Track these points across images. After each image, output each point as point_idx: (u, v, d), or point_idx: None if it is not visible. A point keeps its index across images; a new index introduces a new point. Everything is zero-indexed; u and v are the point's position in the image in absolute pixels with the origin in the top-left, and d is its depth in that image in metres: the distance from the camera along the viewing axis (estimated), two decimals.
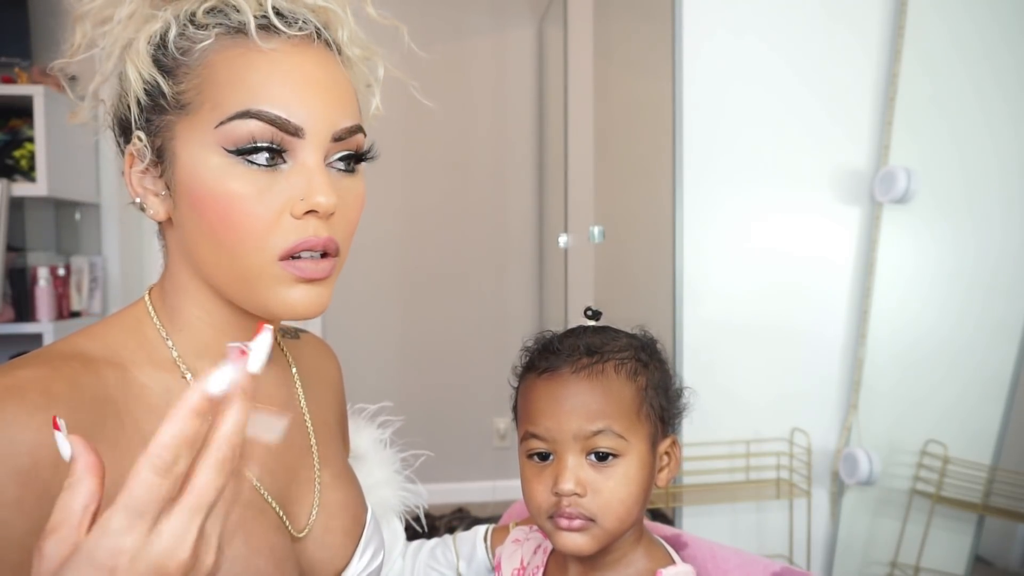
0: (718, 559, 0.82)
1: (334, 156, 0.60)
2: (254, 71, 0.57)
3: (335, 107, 0.59)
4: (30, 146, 2.08)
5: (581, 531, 0.66)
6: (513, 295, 3.22)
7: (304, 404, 0.74)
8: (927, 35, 1.72)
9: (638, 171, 2.23)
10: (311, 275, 0.58)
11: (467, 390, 3.18)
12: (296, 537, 0.67)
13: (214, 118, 0.56)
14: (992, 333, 1.71)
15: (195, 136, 0.57)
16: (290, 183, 0.57)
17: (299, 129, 0.57)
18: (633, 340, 0.73)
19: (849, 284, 1.81)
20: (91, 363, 0.58)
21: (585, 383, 0.67)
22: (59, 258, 2.28)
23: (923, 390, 1.76)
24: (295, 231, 0.57)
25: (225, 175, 0.56)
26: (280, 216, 0.57)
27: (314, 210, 0.57)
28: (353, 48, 0.64)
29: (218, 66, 0.57)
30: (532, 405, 0.70)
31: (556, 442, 0.67)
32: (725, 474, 1.76)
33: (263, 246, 0.57)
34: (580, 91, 2.61)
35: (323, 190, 0.57)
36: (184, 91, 0.57)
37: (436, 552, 0.89)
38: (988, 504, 1.64)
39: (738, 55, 1.75)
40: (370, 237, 3.09)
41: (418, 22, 3.05)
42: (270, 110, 0.56)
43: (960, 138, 1.74)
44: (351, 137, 0.61)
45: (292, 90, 0.57)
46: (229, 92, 0.56)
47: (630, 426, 0.67)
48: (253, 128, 0.56)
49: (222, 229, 0.57)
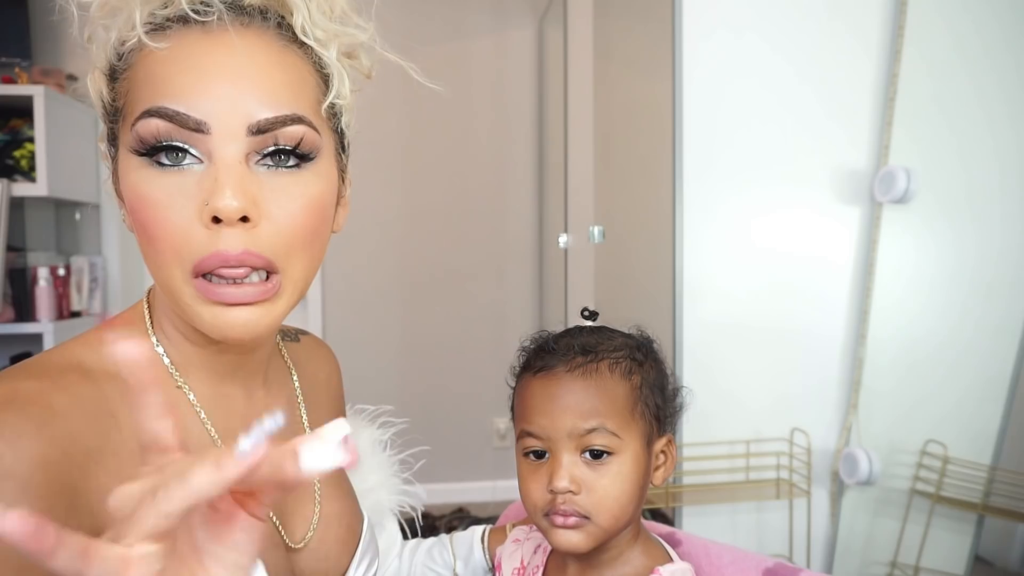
0: (712, 556, 0.82)
1: (263, 151, 0.54)
2: (161, 66, 0.53)
3: (250, 96, 0.52)
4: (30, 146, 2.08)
5: (576, 528, 0.67)
6: (513, 295, 3.22)
7: (304, 413, 0.73)
8: (927, 35, 1.72)
9: (638, 171, 2.23)
10: (229, 300, 0.52)
11: (467, 390, 3.18)
12: (293, 548, 0.66)
13: (130, 121, 0.53)
14: (992, 333, 1.71)
15: (125, 142, 0.54)
16: (201, 186, 0.52)
17: (201, 123, 0.51)
18: (629, 339, 0.74)
19: (849, 284, 1.81)
20: (89, 374, 0.57)
21: (579, 382, 0.68)
22: (59, 258, 2.29)
23: (923, 390, 1.76)
24: (205, 243, 0.51)
25: (140, 180, 0.53)
26: (192, 224, 0.52)
27: (218, 217, 0.51)
28: (314, 32, 0.57)
29: (139, 66, 0.54)
30: (527, 404, 0.70)
31: (551, 440, 0.68)
32: (725, 474, 1.76)
33: (176, 259, 0.52)
34: (580, 91, 2.61)
35: (225, 191, 0.50)
36: (117, 97, 0.55)
37: (433, 552, 0.89)
38: (988, 504, 1.64)
39: (738, 55, 1.75)
40: (370, 237, 3.09)
41: (418, 22, 3.05)
42: (169, 105, 0.51)
43: (960, 138, 1.74)
44: (279, 129, 0.53)
45: (193, 82, 0.52)
46: (141, 92, 0.53)
47: (624, 424, 0.68)
48: (156, 127, 0.51)
49: (142, 237, 0.53)
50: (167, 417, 0.42)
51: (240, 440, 0.36)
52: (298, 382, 0.74)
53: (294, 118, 0.54)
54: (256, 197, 0.53)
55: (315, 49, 0.58)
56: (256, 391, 0.67)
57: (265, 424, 0.37)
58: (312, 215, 0.56)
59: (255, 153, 0.53)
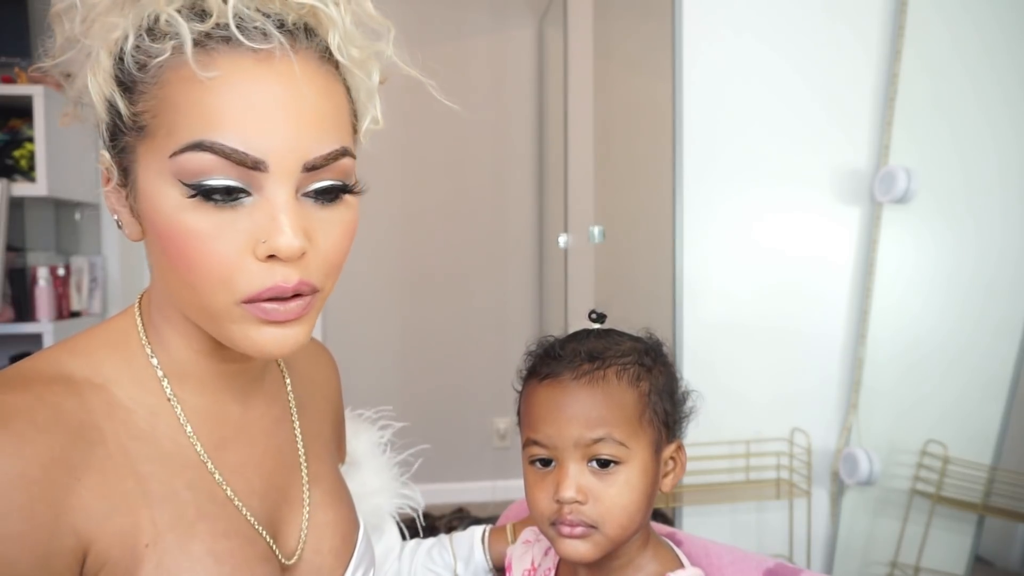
0: (712, 556, 0.82)
1: (311, 186, 0.53)
2: (210, 94, 0.49)
3: (307, 133, 0.51)
4: (30, 146, 2.08)
5: (583, 538, 0.66)
6: (513, 295, 3.22)
7: (296, 419, 0.72)
8: (927, 35, 1.72)
9: (638, 171, 2.23)
10: (278, 318, 0.53)
11: (467, 390, 3.18)
12: (286, 565, 0.65)
13: (169, 146, 0.50)
14: (992, 333, 1.71)
15: (153, 163, 0.51)
16: (253, 220, 0.51)
17: (260, 163, 0.50)
18: (637, 344, 0.72)
19: (849, 284, 1.81)
20: (73, 385, 0.56)
21: (586, 390, 0.67)
22: (59, 258, 2.28)
23: (923, 390, 1.76)
24: (260, 277, 0.51)
25: (182, 210, 0.50)
26: (242, 257, 0.51)
27: (274, 254, 0.51)
28: (350, 50, 0.55)
29: (174, 86, 0.50)
30: (533, 411, 0.69)
31: (557, 449, 0.66)
32: (725, 474, 1.76)
33: (224, 288, 0.51)
34: (580, 91, 2.61)
35: (286, 233, 0.50)
36: (141, 112, 0.51)
37: (433, 553, 0.88)
38: (988, 504, 1.64)
39: (738, 55, 1.75)
40: (370, 238, 3.09)
41: (418, 22, 3.05)
42: (225, 142, 0.49)
43: (960, 138, 1.74)
44: (332, 164, 0.53)
45: (252, 117, 0.49)
46: (183, 118, 0.50)
47: (632, 433, 0.66)
48: (207, 162, 0.49)
49: (183, 267, 0.51)
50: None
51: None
52: (291, 387, 0.73)
53: (342, 151, 0.54)
54: (308, 230, 0.52)
55: (348, 69, 0.56)
56: (253, 399, 0.66)
57: None
58: (349, 240, 0.57)
59: (303, 187, 0.53)
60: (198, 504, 0.58)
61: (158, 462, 0.57)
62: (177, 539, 0.56)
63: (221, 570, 0.57)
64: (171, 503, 0.56)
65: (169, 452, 0.58)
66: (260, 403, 0.67)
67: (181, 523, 0.56)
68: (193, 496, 0.58)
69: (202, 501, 0.58)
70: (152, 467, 0.57)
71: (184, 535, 0.56)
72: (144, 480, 0.56)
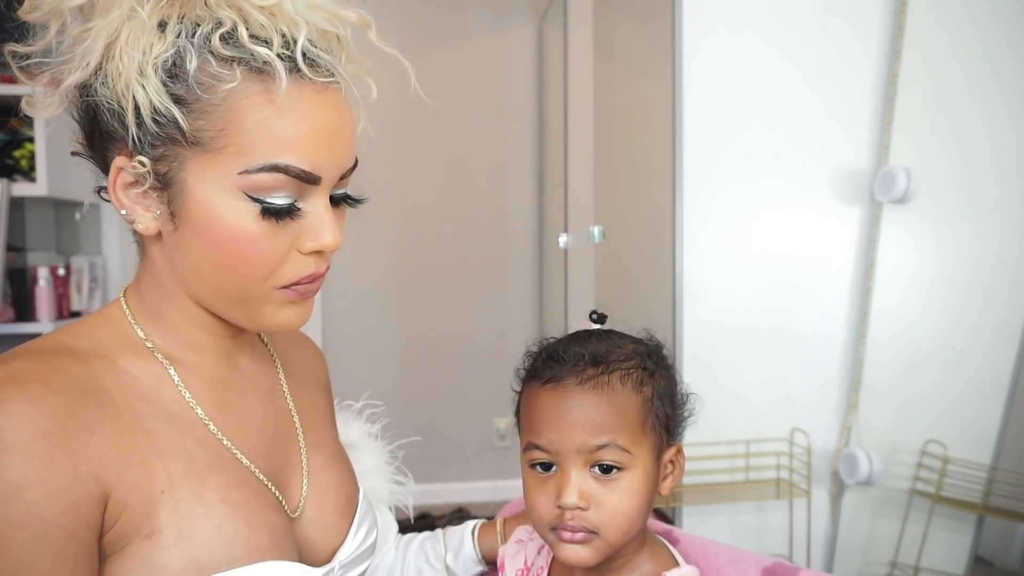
0: (710, 555, 0.82)
1: (334, 192, 0.63)
2: (282, 120, 0.57)
3: (348, 151, 0.62)
4: (30, 146, 2.08)
5: (583, 543, 0.65)
6: (513, 295, 3.22)
7: (287, 391, 0.76)
8: (927, 35, 1.72)
9: (638, 171, 2.23)
10: (307, 296, 0.64)
11: (467, 390, 3.18)
12: (291, 518, 0.68)
13: (239, 164, 0.57)
14: (992, 333, 1.71)
15: (213, 175, 0.57)
16: (302, 224, 0.60)
17: (318, 179, 0.59)
18: (639, 346, 0.71)
19: (849, 284, 1.81)
20: (80, 355, 0.60)
21: (590, 396, 0.66)
22: (59, 258, 2.29)
23: (923, 390, 1.75)
24: (301, 266, 0.61)
25: (244, 217, 0.58)
26: (289, 253, 0.61)
27: (321, 250, 0.61)
28: (348, 67, 0.64)
29: (244, 111, 0.56)
30: (535, 416, 0.68)
31: (559, 454, 0.66)
32: (725, 474, 1.76)
33: (268, 278, 0.61)
34: (580, 91, 2.61)
35: (332, 232, 0.61)
36: (203, 128, 0.56)
37: (426, 545, 0.90)
38: (988, 504, 1.64)
39: (738, 55, 1.75)
40: (370, 238, 3.09)
41: (418, 22, 3.05)
42: (298, 165, 0.58)
43: (960, 138, 1.74)
44: (351, 172, 0.64)
45: (318, 143, 0.58)
46: (256, 140, 0.57)
47: (635, 439, 0.66)
48: (278, 180, 0.57)
49: (233, 261, 0.59)
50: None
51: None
52: (280, 365, 0.77)
53: (356, 162, 0.65)
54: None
55: (346, 81, 0.64)
56: (247, 369, 0.72)
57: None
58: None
59: (332, 191, 0.63)
60: (208, 458, 0.62)
61: (165, 421, 0.62)
62: (191, 487, 0.59)
63: (236, 515, 0.60)
64: (182, 456, 0.61)
65: (176, 413, 0.63)
66: (254, 373, 0.72)
67: (193, 473, 0.60)
68: (203, 452, 0.62)
69: (212, 456, 0.63)
70: (160, 425, 0.61)
71: (197, 484, 0.60)
72: (154, 436, 0.60)
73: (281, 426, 0.72)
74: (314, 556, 0.70)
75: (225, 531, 0.59)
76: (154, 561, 0.56)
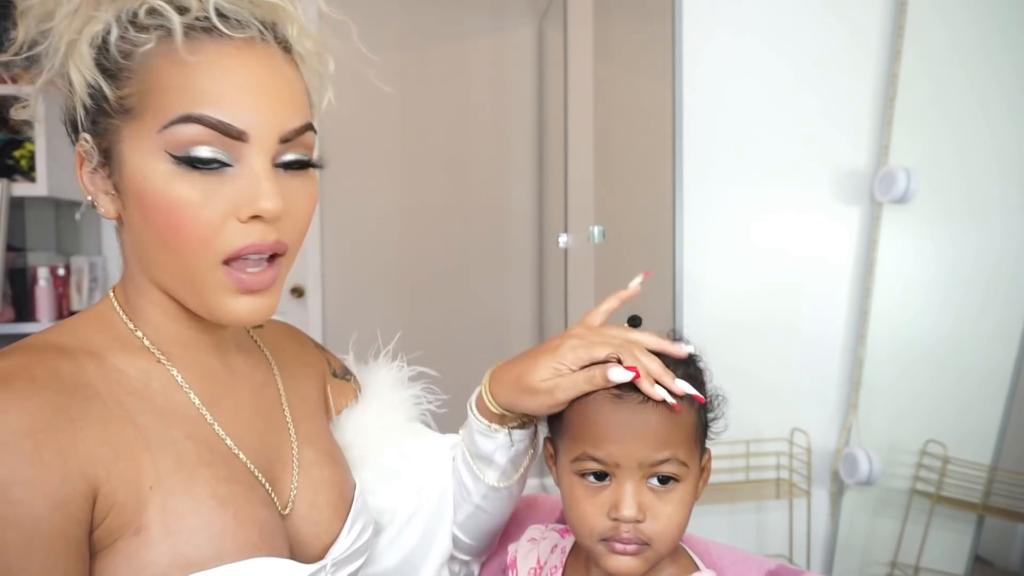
0: (713, 557, 0.81)
1: (283, 158, 0.60)
2: (196, 75, 0.56)
3: (282, 109, 0.59)
4: (30, 146, 2.08)
5: (635, 555, 0.65)
6: (513, 295, 3.22)
7: (280, 383, 0.75)
8: (927, 35, 1.72)
9: (638, 171, 2.23)
10: (252, 286, 0.60)
11: (467, 390, 3.16)
12: (282, 513, 0.68)
13: (158, 123, 0.56)
14: (992, 333, 1.71)
15: (141, 141, 0.57)
16: (236, 187, 0.57)
17: (243, 133, 0.57)
18: (689, 360, 0.72)
19: (849, 284, 1.81)
20: (67, 352, 0.60)
21: (655, 411, 0.65)
22: (59, 258, 2.29)
23: (923, 390, 1.75)
24: (240, 235, 0.58)
25: (171, 180, 0.56)
26: (226, 220, 0.57)
27: (259, 215, 0.58)
28: (304, 43, 0.63)
29: (161, 70, 0.56)
30: (595, 427, 0.66)
31: (618, 467, 0.65)
32: (725, 474, 1.76)
33: (208, 249, 0.58)
34: (580, 91, 2.60)
35: (269, 195, 0.57)
36: (127, 96, 0.57)
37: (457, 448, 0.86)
38: (988, 504, 1.64)
39: (738, 55, 1.75)
40: (370, 238, 3.09)
41: (418, 22, 3.05)
42: (212, 114, 0.56)
43: (960, 138, 1.74)
44: (300, 137, 0.60)
45: (235, 93, 0.57)
46: (171, 96, 0.56)
47: (691, 452, 0.66)
48: (195, 132, 0.56)
49: (169, 233, 0.57)
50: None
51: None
52: (272, 359, 0.77)
53: (308, 126, 0.61)
54: (283, 196, 0.59)
55: (303, 58, 0.64)
56: (234, 362, 0.71)
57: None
58: (313, 207, 0.64)
59: (277, 157, 0.60)
60: (198, 453, 0.61)
61: (154, 415, 0.61)
62: (180, 482, 0.59)
63: (225, 511, 0.60)
64: (171, 450, 0.60)
65: (165, 407, 0.62)
66: (242, 367, 0.71)
67: (183, 468, 0.60)
68: (193, 446, 0.62)
69: (202, 450, 0.62)
70: (149, 419, 0.60)
71: (187, 479, 0.59)
72: (143, 430, 0.59)
73: (272, 421, 0.72)
74: (306, 553, 0.69)
75: (214, 527, 0.58)
76: (141, 557, 0.56)
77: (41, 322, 2.10)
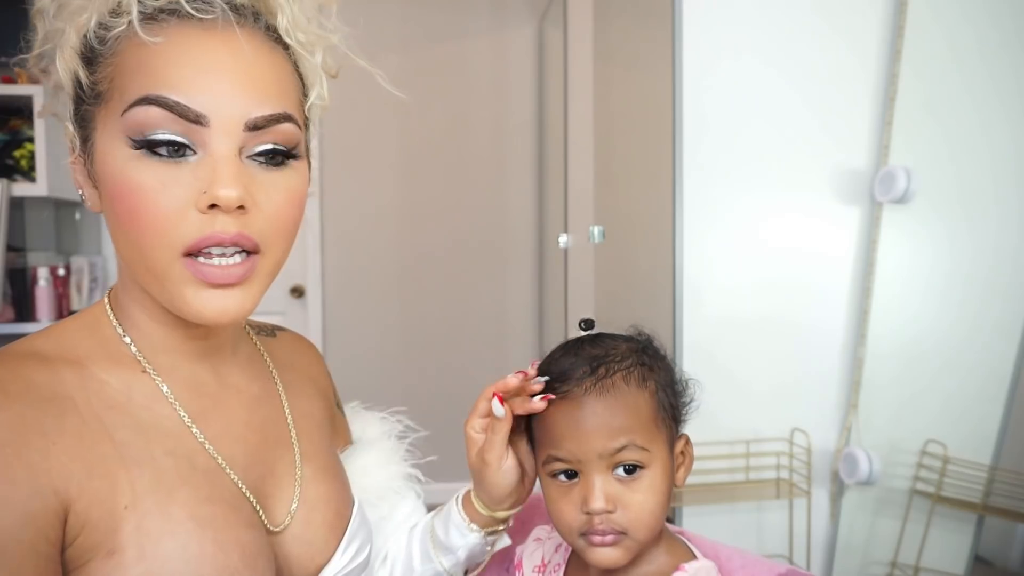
0: (721, 559, 0.81)
1: (255, 148, 0.57)
2: (157, 57, 0.54)
3: (248, 94, 0.55)
4: (30, 146, 2.09)
5: (614, 545, 0.66)
6: (513, 295, 3.22)
7: (284, 397, 0.73)
8: (926, 35, 1.72)
9: (638, 171, 2.23)
10: (217, 280, 0.56)
11: (468, 390, 3.17)
12: (272, 531, 0.65)
13: (120, 106, 0.54)
14: (992, 333, 1.71)
15: (107, 127, 0.56)
16: (196, 175, 0.54)
17: (200, 116, 0.54)
18: (632, 343, 0.72)
19: (849, 284, 1.81)
20: (46, 361, 0.58)
21: (600, 401, 0.66)
22: (59, 258, 2.29)
23: (923, 389, 1.76)
24: (199, 225, 0.54)
25: (130, 166, 0.54)
26: (185, 209, 0.54)
27: (216, 204, 0.54)
28: (296, 34, 0.61)
29: (127, 53, 0.55)
30: (551, 429, 0.69)
31: (580, 462, 0.66)
32: (725, 474, 1.76)
33: (166, 241, 0.54)
34: (580, 91, 2.61)
35: (226, 182, 0.54)
36: (99, 80, 0.56)
37: (430, 522, 0.85)
38: (988, 504, 1.64)
39: (737, 54, 1.75)
40: (371, 238, 3.09)
41: (418, 22, 3.05)
42: (169, 95, 0.53)
43: (960, 138, 1.74)
44: (273, 126, 0.57)
45: (194, 75, 0.54)
46: (134, 79, 0.54)
47: (651, 436, 0.67)
48: (153, 115, 0.53)
49: (128, 221, 0.55)
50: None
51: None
52: (276, 373, 0.74)
53: (285, 116, 0.58)
54: (249, 188, 0.56)
55: (296, 50, 0.61)
56: (227, 373, 0.68)
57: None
58: (295, 207, 0.60)
59: (248, 148, 0.57)
60: (179, 470, 0.59)
61: (134, 430, 0.59)
62: (157, 502, 0.56)
63: (204, 534, 0.57)
64: (149, 468, 0.57)
65: (146, 421, 0.60)
66: (237, 378, 0.69)
67: (161, 488, 0.57)
68: (174, 463, 0.59)
69: (183, 468, 0.59)
70: (128, 434, 0.58)
71: (164, 499, 0.57)
72: (121, 446, 0.57)
73: (268, 435, 0.69)
74: (297, 572, 0.67)
75: (190, 550, 0.56)
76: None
77: (41, 322, 2.10)
